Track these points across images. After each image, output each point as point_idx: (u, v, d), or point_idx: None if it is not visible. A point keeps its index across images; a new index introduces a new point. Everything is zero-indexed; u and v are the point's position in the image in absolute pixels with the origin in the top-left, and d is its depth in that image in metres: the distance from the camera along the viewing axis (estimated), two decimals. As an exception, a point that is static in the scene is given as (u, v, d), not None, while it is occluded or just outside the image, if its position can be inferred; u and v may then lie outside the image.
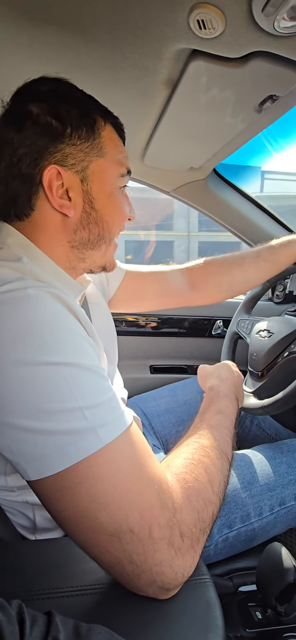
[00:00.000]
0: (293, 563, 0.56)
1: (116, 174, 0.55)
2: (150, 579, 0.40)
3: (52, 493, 0.38)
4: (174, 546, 0.40)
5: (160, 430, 1.01)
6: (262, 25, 0.46)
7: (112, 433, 0.39)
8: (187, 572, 0.42)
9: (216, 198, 1.12)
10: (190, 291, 0.91)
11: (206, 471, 0.46)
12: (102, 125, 0.53)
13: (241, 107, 0.66)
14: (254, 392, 0.85)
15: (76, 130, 0.49)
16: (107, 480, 0.38)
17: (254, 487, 0.72)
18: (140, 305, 0.96)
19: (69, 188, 0.50)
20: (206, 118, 0.70)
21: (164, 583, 0.40)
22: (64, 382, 0.38)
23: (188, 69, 0.57)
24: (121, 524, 0.38)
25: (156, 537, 0.39)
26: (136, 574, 0.39)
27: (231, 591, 0.69)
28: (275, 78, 0.57)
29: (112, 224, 0.56)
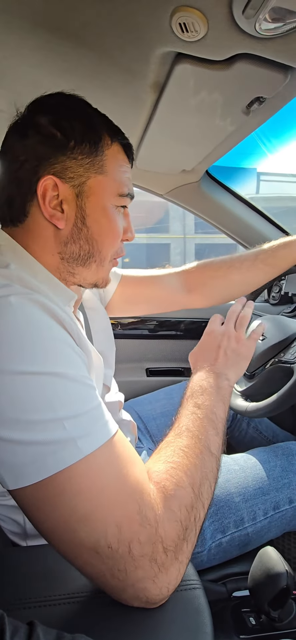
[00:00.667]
0: (286, 568, 0.56)
1: (113, 193, 0.54)
2: (134, 594, 0.39)
3: (33, 503, 0.38)
4: (158, 562, 0.38)
5: (156, 433, 1.01)
6: (244, 28, 0.46)
7: (93, 444, 0.38)
8: (173, 584, 0.41)
9: (210, 200, 1.12)
10: (187, 294, 0.90)
11: (186, 474, 0.44)
12: (108, 144, 0.53)
13: (229, 109, 0.66)
14: (242, 392, 0.85)
15: (79, 145, 0.50)
16: (86, 492, 0.37)
17: (248, 492, 0.71)
18: (136, 310, 0.96)
19: (63, 200, 0.50)
20: (194, 120, 0.70)
21: (149, 598, 0.39)
22: (42, 392, 0.38)
23: (174, 72, 0.57)
24: (98, 539, 0.37)
25: (137, 554, 0.38)
26: (120, 588, 0.39)
27: (225, 597, 0.68)
28: (260, 80, 0.57)
29: (103, 244, 0.55)
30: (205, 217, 1.17)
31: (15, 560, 0.52)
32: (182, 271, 0.91)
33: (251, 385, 0.83)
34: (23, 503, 0.39)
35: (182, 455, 0.46)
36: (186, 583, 0.47)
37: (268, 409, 0.74)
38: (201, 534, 0.67)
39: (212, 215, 1.17)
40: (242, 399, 0.83)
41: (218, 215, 1.17)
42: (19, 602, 0.43)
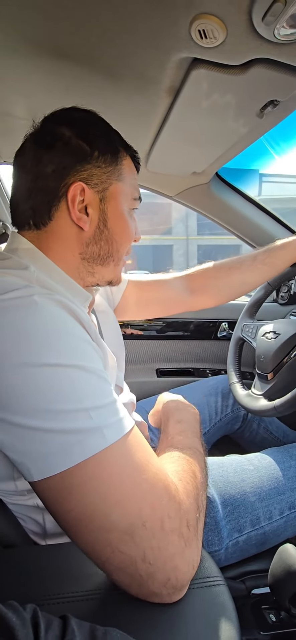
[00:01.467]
0: (306, 565, 0.56)
1: (129, 198, 0.59)
2: (165, 578, 0.40)
3: (59, 492, 0.39)
4: (184, 537, 0.41)
5: (168, 434, 1.01)
6: (262, 34, 0.47)
7: (117, 433, 0.41)
8: (195, 561, 0.43)
9: (219, 201, 1.12)
10: (190, 296, 0.94)
11: (188, 463, 0.50)
12: (124, 156, 0.58)
13: (243, 112, 0.66)
14: (263, 394, 0.84)
15: (103, 154, 0.54)
16: (116, 477, 0.39)
17: (263, 491, 0.72)
18: (143, 313, 0.98)
19: (88, 204, 0.54)
20: (208, 124, 0.71)
21: (179, 578, 0.41)
22: (69, 383, 0.40)
23: (189, 77, 0.58)
24: (134, 520, 0.39)
25: (168, 529, 0.40)
26: (150, 574, 0.39)
27: (244, 594, 0.69)
28: (275, 84, 0.58)
29: (121, 243, 0.60)
30: (214, 218, 1.18)
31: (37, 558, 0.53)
32: (185, 275, 0.95)
33: (273, 385, 0.83)
34: (47, 495, 0.40)
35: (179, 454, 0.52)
36: (210, 579, 0.47)
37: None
38: (218, 532, 0.68)
39: (221, 217, 1.18)
40: (266, 401, 0.83)
41: (227, 216, 1.18)
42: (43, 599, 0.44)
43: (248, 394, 0.89)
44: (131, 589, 0.41)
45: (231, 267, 0.90)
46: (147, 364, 1.34)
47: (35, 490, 0.41)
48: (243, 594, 0.68)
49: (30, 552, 0.56)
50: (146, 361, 1.34)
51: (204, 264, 0.95)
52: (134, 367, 1.32)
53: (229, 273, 0.90)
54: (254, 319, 1.02)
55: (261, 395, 0.86)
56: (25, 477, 0.40)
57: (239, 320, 1.03)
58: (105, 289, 0.85)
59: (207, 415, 1.07)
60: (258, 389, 0.88)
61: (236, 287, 0.92)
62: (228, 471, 0.74)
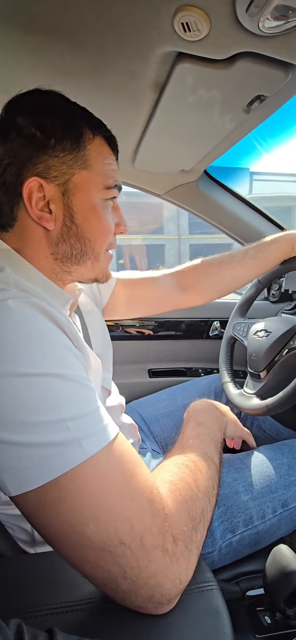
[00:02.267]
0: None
1: (100, 187, 0.53)
2: (148, 594, 0.38)
3: (36, 508, 0.37)
4: (169, 552, 0.39)
5: (159, 434, 1.00)
6: (247, 26, 0.46)
7: (97, 444, 0.39)
8: (184, 576, 0.41)
9: (208, 199, 1.12)
10: (181, 293, 0.92)
11: (190, 471, 0.48)
12: (90, 138, 0.52)
13: (230, 108, 0.66)
14: (256, 393, 0.84)
15: (60, 142, 0.49)
16: (93, 493, 0.37)
17: (256, 490, 0.71)
18: (133, 312, 0.97)
19: (50, 200, 0.50)
20: (195, 120, 0.70)
21: (164, 594, 0.39)
22: (45, 394, 0.38)
23: (174, 72, 0.57)
24: (110, 537, 0.37)
25: (149, 546, 0.38)
26: (132, 590, 0.38)
27: (239, 596, 0.68)
28: (262, 78, 0.57)
29: (95, 240, 0.55)
30: (203, 216, 1.17)
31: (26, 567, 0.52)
32: (175, 272, 0.93)
33: (265, 384, 0.83)
34: (26, 509, 0.38)
35: (186, 459, 0.50)
36: (203, 584, 0.47)
37: (289, 395, 0.72)
38: (211, 534, 0.67)
39: (210, 215, 1.18)
40: (258, 400, 0.82)
41: (216, 215, 1.17)
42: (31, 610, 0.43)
43: (241, 393, 0.88)
44: (117, 600, 0.40)
45: (222, 262, 0.89)
46: (139, 364, 1.33)
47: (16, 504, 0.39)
48: (238, 596, 0.68)
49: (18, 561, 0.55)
50: (138, 362, 1.33)
51: (194, 260, 0.93)
52: (126, 368, 1.30)
53: (220, 269, 0.89)
54: (245, 317, 1.01)
55: (253, 394, 0.85)
56: (3, 491, 0.38)
57: (230, 319, 1.03)
58: (92, 288, 0.82)
59: (200, 415, 1.06)
60: (250, 388, 0.87)
61: (227, 283, 0.91)
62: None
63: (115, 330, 1.28)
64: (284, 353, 0.82)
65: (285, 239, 0.84)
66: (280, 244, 0.85)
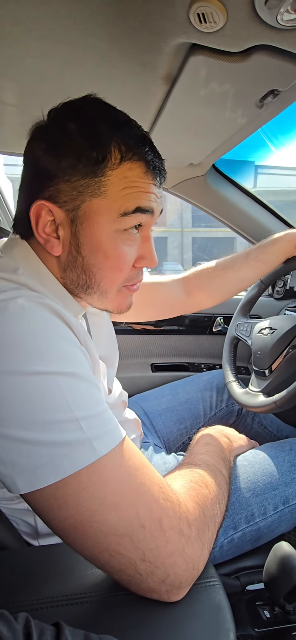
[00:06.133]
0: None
1: (114, 216, 0.47)
2: (164, 575, 0.40)
3: (53, 502, 0.38)
4: (185, 534, 0.42)
5: (161, 429, 1.01)
6: (265, 19, 0.45)
7: (108, 445, 0.40)
8: (197, 563, 0.43)
9: (216, 194, 1.11)
10: (187, 297, 0.93)
11: (200, 476, 0.51)
12: (116, 163, 0.46)
13: (242, 102, 0.65)
14: (262, 390, 0.84)
15: (72, 165, 0.45)
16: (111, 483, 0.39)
17: (257, 487, 0.72)
18: (140, 315, 0.98)
19: (59, 224, 0.47)
20: (206, 113, 0.69)
21: (178, 576, 0.41)
22: (59, 392, 0.38)
23: (187, 64, 0.56)
24: (132, 521, 0.39)
25: (167, 527, 0.40)
26: (149, 572, 0.40)
27: (239, 590, 0.69)
28: (277, 72, 0.56)
29: (101, 277, 0.50)
30: (210, 211, 1.16)
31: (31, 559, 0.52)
32: (182, 277, 0.94)
33: (271, 381, 0.83)
34: (39, 505, 0.39)
35: (195, 469, 0.53)
36: (207, 579, 0.48)
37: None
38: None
39: (217, 210, 1.17)
40: (265, 397, 0.82)
41: (223, 210, 1.16)
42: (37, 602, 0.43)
43: (246, 392, 0.88)
44: (131, 586, 0.41)
45: (225, 266, 0.90)
46: (141, 358, 1.33)
47: (26, 500, 0.40)
48: (238, 590, 0.68)
49: (23, 554, 0.55)
50: (141, 356, 1.33)
51: (198, 265, 0.94)
52: (129, 362, 1.31)
53: (224, 272, 0.90)
54: (248, 317, 1.01)
55: (259, 391, 0.85)
56: (10, 488, 0.38)
57: (233, 320, 1.03)
58: None
59: (201, 410, 1.06)
60: (255, 386, 0.87)
61: (231, 285, 0.92)
62: None
63: (118, 325, 1.28)
64: (290, 349, 0.82)
65: (286, 238, 0.84)
66: (282, 243, 0.85)
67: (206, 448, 0.64)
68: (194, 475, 0.52)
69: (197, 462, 0.58)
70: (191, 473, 0.53)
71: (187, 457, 0.63)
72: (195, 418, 1.05)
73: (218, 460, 0.61)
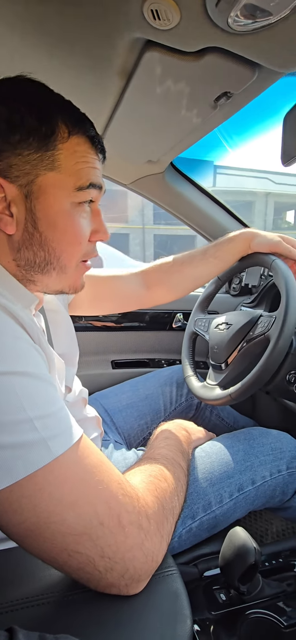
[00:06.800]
0: (254, 545, 0.59)
1: (70, 189, 0.47)
2: (123, 569, 0.41)
3: (8, 506, 0.36)
4: (144, 528, 0.43)
5: (122, 425, 1.01)
6: (216, 21, 0.46)
7: (64, 445, 0.39)
8: (156, 555, 0.44)
9: (174, 192, 1.12)
10: (146, 291, 0.94)
11: (159, 469, 0.53)
12: (64, 137, 0.47)
13: (197, 101, 0.66)
14: (219, 383, 0.87)
15: (26, 139, 0.44)
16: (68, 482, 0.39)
17: (214, 476, 0.74)
18: (96, 309, 0.97)
19: (11, 202, 0.46)
20: (162, 111, 0.69)
21: (137, 569, 0.41)
22: (12, 392, 0.37)
23: (142, 60, 0.56)
24: (90, 519, 0.39)
25: (126, 522, 0.41)
26: (108, 568, 0.40)
27: (197, 577, 0.71)
28: (229, 75, 0.58)
29: (61, 250, 0.50)
30: (169, 208, 1.18)
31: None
32: (140, 271, 0.94)
33: (227, 374, 0.85)
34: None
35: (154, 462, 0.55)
36: (165, 570, 0.49)
37: (251, 382, 0.75)
38: None
39: (175, 207, 1.18)
40: (221, 390, 0.84)
41: (181, 207, 1.18)
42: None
43: (204, 385, 0.91)
44: (90, 584, 0.41)
45: (183, 262, 0.91)
46: (102, 355, 1.32)
47: None
48: (196, 577, 0.71)
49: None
50: (101, 353, 1.32)
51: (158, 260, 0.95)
52: (89, 359, 1.29)
53: (182, 268, 0.91)
54: (206, 313, 1.04)
55: (216, 385, 0.88)
56: None
57: (191, 315, 1.05)
58: None
59: (162, 405, 1.08)
60: (212, 380, 0.90)
61: (189, 281, 0.93)
62: None
63: (78, 322, 1.26)
64: (244, 344, 0.85)
65: (241, 237, 0.87)
66: (237, 242, 0.88)
67: (166, 442, 0.66)
68: (154, 470, 0.53)
69: (156, 456, 0.60)
70: (150, 467, 0.54)
71: (147, 451, 0.64)
72: (156, 413, 1.07)
73: (177, 454, 0.63)
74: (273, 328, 0.75)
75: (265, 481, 0.77)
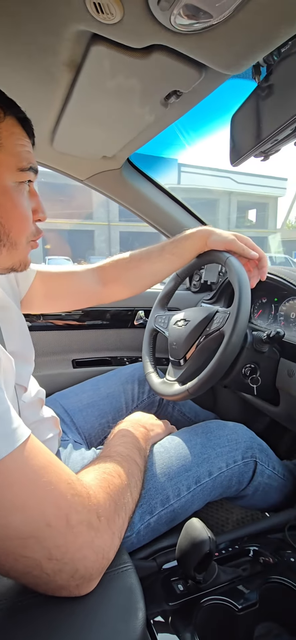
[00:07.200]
0: (209, 534, 0.60)
1: (13, 169, 0.50)
2: (72, 570, 0.40)
3: None
4: (94, 527, 0.42)
5: (82, 425, 1.00)
6: (159, 19, 0.46)
7: (10, 446, 0.38)
8: (107, 552, 0.44)
9: (131, 188, 1.12)
10: (103, 287, 0.93)
11: (113, 466, 0.53)
12: (1, 117, 0.49)
13: (147, 99, 0.66)
14: (177, 379, 0.88)
15: None
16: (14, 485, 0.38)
17: (172, 470, 0.75)
18: (52, 306, 0.94)
19: None
20: (113, 106, 0.69)
21: (87, 568, 0.41)
22: None
23: (90, 53, 0.55)
24: (37, 521, 0.38)
25: (75, 522, 0.40)
26: (57, 570, 0.39)
27: (156, 570, 0.71)
28: (177, 74, 0.58)
29: (10, 226, 0.52)
30: (126, 204, 1.17)
31: None
32: (97, 267, 0.93)
33: (186, 370, 0.86)
34: None
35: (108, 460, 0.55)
36: (120, 566, 0.49)
37: (207, 377, 0.76)
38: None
39: (133, 204, 1.18)
40: (179, 385, 0.85)
41: (139, 204, 1.18)
42: None
43: (163, 381, 0.92)
44: (38, 588, 0.41)
45: (141, 258, 0.91)
46: (62, 355, 1.29)
47: None
48: (154, 570, 0.71)
49: None
50: (61, 352, 1.29)
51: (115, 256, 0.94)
52: (49, 359, 1.26)
53: (139, 264, 0.91)
54: (166, 309, 1.05)
55: (175, 380, 0.89)
56: None
57: (152, 312, 1.06)
58: (9, 279, 0.77)
59: (123, 403, 1.08)
60: (172, 376, 0.91)
61: (146, 277, 0.93)
62: None
63: (36, 321, 1.22)
64: (202, 339, 0.87)
65: (198, 235, 0.89)
66: (194, 239, 0.89)
67: (122, 440, 0.67)
68: (108, 467, 0.54)
69: (112, 453, 0.60)
70: (104, 465, 0.54)
71: (103, 450, 0.64)
72: (117, 411, 1.06)
73: (133, 450, 0.64)
74: (227, 324, 0.77)
75: (222, 472, 0.80)
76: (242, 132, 0.62)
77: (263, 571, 0.70)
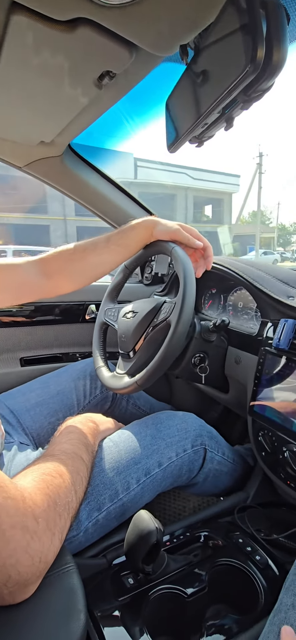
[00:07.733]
0: (156, 525, 0.60)
1: None
2: (4, 577, 0.38)
3: None
4: (30, 530, 0.41)
5: (30, 425, 0.95)
6: (80, -13, 0.44)
7: None
8: (45, 555, 0.42)
9: (74, 177, 1.07)
10: (47, 281, 0.87)
11: (55, 465, 0.52)
12: None
13: (79, 79, 0.62)
14: (127, 372, 0.86)
15: None
16: None
17: (121, 464, 0.74)
18: None
19: None
20: (42, 85, 0.64)
21: (22, 574, 0.39)
22: None
23: (10, 24, 0.50)
24: None
25: (7, 527, 0.39)
26: None
27: (106, 567, 0.70)
28: (106, 52, 0.56)
29: None
30: (69, 193, 1.12)
31: None
32: (39, 259, 0.88)
33: (135, 362, 0.85)
34: None
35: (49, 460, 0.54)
36: (61, 568, 0.48)
37: (154, 368, 0.75)
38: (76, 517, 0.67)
39: (76, 193, 1.13)
40: (129, 378, 0.83)
41: (83, 193, 1.14)
42: None
43: (113, 375, 0.90)
44: None
45: (86, 249, 0.87)
46: (8, 353, 1.22)
47: None
48: (105, 567, 0.70)
49: None
50: (8, 350, 1.22)
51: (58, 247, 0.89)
52: (-7, 359, 1.18)
53: (84, 255, 0.87)
54: (115, 302, 1.03)
55: (124, 373, 0.87)
56: None
57: (101, 305, 1.03)
58: None
59: (75, 400, 1.04)
60: (121, 369, 0.90)
61: (92, 269, 0.89)
62: None
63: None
64: (150, 330, 0.86)
65: (143, 225, 0.87)
66: (139, 230, 0.87)
67: (68, 437, 0.64)
68: (48, 467, 0.52)
69: (55, 452, 0.58)
70: (44, 465, 0.52)
71: (47, 448, 0.63)
72: (68, 409, 1.03)
73: (79, 447, 0.62)
74: (173, 313, 0.77)
75: (172, 462, 0.80)
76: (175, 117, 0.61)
77: (212, 555, 0.71)
